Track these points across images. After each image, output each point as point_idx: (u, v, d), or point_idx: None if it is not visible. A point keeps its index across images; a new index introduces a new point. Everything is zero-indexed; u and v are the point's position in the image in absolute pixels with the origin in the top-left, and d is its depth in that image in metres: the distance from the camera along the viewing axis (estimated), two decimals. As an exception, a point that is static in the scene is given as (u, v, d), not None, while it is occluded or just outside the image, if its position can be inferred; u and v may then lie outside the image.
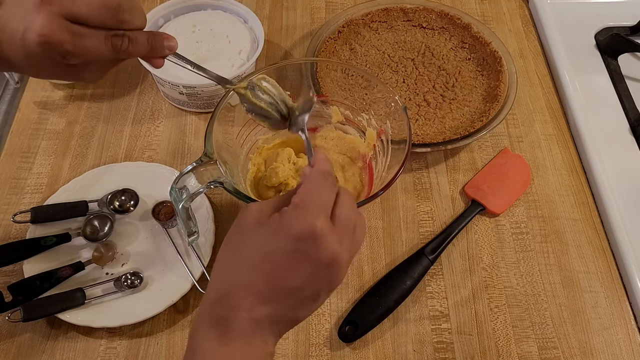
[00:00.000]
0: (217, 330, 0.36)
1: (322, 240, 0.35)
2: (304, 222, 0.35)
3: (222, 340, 0.35)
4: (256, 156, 0.64)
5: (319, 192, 0.38)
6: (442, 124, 0.71)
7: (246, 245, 0.37)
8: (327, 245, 0.35)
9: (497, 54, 0.75)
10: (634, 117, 0.74)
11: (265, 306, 0.36)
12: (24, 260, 0.58)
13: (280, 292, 0.36)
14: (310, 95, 0.47)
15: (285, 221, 0.36)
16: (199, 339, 0.36)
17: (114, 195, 0.63)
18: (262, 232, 0.37)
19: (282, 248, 0.36)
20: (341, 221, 0.37)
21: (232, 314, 0.36)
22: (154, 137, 0.72)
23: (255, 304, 0.36)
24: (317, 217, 0.36)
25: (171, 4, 0.75)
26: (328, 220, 0.36)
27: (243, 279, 0.36)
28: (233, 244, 0.38)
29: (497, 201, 0.67)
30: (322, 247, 0.35)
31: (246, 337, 0.35)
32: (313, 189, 0.38)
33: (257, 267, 0.36)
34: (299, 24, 0.85)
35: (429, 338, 0.59)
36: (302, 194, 0.37)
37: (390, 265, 0.62)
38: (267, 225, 0.37)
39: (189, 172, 0.49)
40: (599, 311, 0.61)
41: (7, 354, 0.56)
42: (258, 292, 0.36)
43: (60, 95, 0.75)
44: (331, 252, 0.36)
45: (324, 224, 0.36)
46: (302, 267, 0.36)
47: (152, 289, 0.59)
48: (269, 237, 0.36)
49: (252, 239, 0.37)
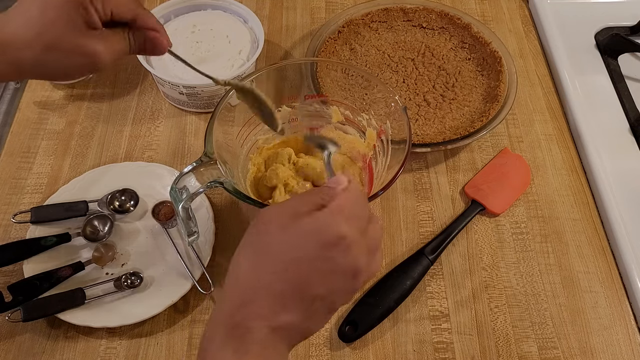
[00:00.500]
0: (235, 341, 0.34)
1: (353, 250, 0.34)
2: (339, 228, 0.34)
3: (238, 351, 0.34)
4: (256, 156, 0.64)
5: (357, 205, 0.37)
6: (442, 124, 0.71)
7: (270, 250, 0.35)
8: (357, 256, 0.35)
9: (497, 54, 0.75)
10: (634, 117, 0.74)
11: (286, 314, 0.34)
12: (24, 260, 0.58)
13: (302, 300, 0.35)
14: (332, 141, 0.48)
15: (318, 225, 0.35)
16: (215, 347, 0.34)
17: (113, 195, 0.63)
18: (289, 235, 0.35)
19: (312, 254, 0.34)
20: (370, 240, 0.37)
21: (253, 323, 0.34)
22: (154, 137, 0.72)
23: (276, 312, 0.34)
24: (351, 227, 0.35)
25: (171, 4, 0.75)
26: (360, 233, 0.36)
27: (266, 284, 0.35)
28: (254, 247, 0.36)
29: (497, 201, 0.67)
30: (352, 256, 0.34)
31: (264, 347, 0.34)
32: (353, 200, 0.37)
33: (282, 272, 0.34)
34: (299, 24, 0.85)
35: (429, 338, 0.59)
36: (341, 201, 0.36)
37: (390, 265, 0.62)
38: (295, 228, 0.35)
39: (189, 172, 0.49)
40: (599, 311, 0.61)
41: (7, 354, 0.56)
42: (281, 299, 0.34)
43: (60, 95, 0.75)
44: (359, 264, 0.35)
45: (356, 235, 0.35)
46: (328, 275, 0.35)
47: (152, 289, 0.59)
48: (297, 241, 0.35)
49: (276, 242, 0.35)
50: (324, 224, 0.35)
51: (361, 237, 0.36)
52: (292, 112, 0.64)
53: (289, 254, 0.35)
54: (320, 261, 0.34)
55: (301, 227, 0.35)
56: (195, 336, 0.58)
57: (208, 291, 0.58)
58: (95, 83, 0.77)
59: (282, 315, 0.34)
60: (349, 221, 0.35)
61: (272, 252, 0.35)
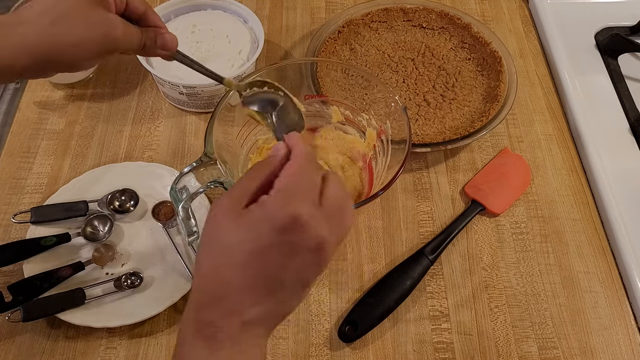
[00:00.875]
0: (206, 339, 0.34)
1: (308, 228, 0.33)
2: (288, 210, 0.33)
3: (211, 348, 0.33)
4: (256, 156, 0.64)
5: (305, 174, 0.35)
6: (442, 124, 0.71)
7: (225, 244, 0.34)
8: (314, 232, 0.33)
9: (497, 54, 0.75)
10: (634, 117, 0.74)
11: (256, 307, 0.34)
12: (24, 260, 0.58)
13: (270, 289, 0.34)
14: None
15: (267, 212, 0.33)
16: (187, 348, 0.34)
17: (113, 195, 0.63)
18: (241, 227, 0.34)
19: (268, 243, 0.33)
20: (329, 203, 0.35)
21: (222, 321, 0.33)
22: (154, 137, 0.72)
23: (245, 307, 0.34)
24: (302, 202, 0.33)
25: (171, 4, 0.75)
26: (314, 205, 0.34)
27: (229, 280, 0.34)
28: (211, 244, 0.35)
29: (497, 201, 0.67)
30: (309, 234, 0.33)
31: (237, 342, 0.34)
32: (298, 171, 0.35)
33: (242, 266, 0.34)
34: (299, 24, 0.85)
35: (429, 338, 0.59)
36: (286, 177, 0.35)
37: (390, 265, 0.62)
38: (246, 218, 0.34)
39: (189, 172, 0.49)
40: (599, 311, 0.61)
41: (7, 354, 0.56)
42: (248, 293, 0.34)
43: (60, 95, 0.75)
44: (319, 239, 0.34)
45: (310, 209, 0.34)
46: (290, 259, 0.34)
47: (152, 289, 0.59)
48: (250, 233, 0.33)
49: (231, 235, 0.34)
50: (273, 209, 0.33)
51: (317, 208, 0.34)
52: (292, 112, 0.64)
53: (245, 246, 0.33)
54: (278, 247, 0.33)
55: (251, 216, 0.34)
56: (195, 336, 0.58)
57: (208, 291, 0.58)
58: (95, 83, 0.77)
59: (251, 308, 0.34)
60: (299, 197, 0.34)
61: (228, 247, 0.34)
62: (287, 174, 0.35)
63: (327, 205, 0.35)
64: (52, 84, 0.76)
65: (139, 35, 0.46)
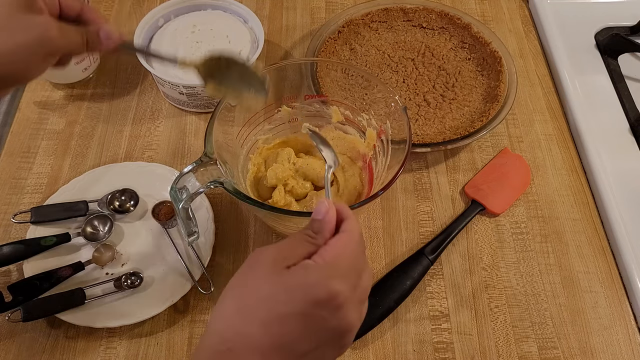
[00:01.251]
0: None
1: (344, 311, 0.32)
2: (331, 285, 0.32)
3: None
4: (256, 156, 0.64)
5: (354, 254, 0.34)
6: (442, 124, 0.71)
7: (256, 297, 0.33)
8: (348, 317, 0.33)
9: (497, 54, 0.75)
10: (634, 117, 0.74)
11: None
12: (24, 260, 0.58)
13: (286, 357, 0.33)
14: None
15: (307, 279, 0.32)
16: None
17: (113, 195, 0.63)
18: (277, 286, 0.33)
19: (297, 310, 0.32)
20: (361, 291, 0.35)
21: None
22: (154, 137, 0.72)
23: None
24: (344, 282, 0.33)
25: (171, 4, 0.75)
26: (353, 288, 0.33)
27: (249, 334, 0.32)
28: (242, 289, 0.34)
29: (497, 201, 0.67)
30: (342, 317, 0.32)
31: None
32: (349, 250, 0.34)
33: (267, 325, 0.32)
34: (299, 24, 0.85)
35: (429, 338, 0.59)
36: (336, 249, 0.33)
37: (390, 265, 0.62)
38: (285, 279, 0.33)
39: (189, 172, 0.49)
40: (599, 311, 0.61)
41: (7, 354, 0.56)
42: (259, 354, 0.32)
43: (60, 95, 0.75)
44: (350, 321, 0.33)
45: (349, 292, 0.33)
46: (315, 333, 0.33)
47: (152, 289, 0.59)
48: (284, 295, 0.32)
49: (264, 290, 0.33)
50: (314, 279, 0.32)
51: (353, 292, 0.33)
52: (292, 112, 0.64)
53: (274, 306, 0.32)
54: (308, 318, 0.32)
55: (290, 279, 0.33)
56: (195, 336, 0.58)
57: (208, 291, 0.59)
58: (95, 83, 0.77)
59: None
60: (342, 275, 0.33)
61: (257, 300, 0.33)
62: (337, 246, 0.34)
63: (360, 292, 0.35)
64: (52, 84, 0.76)
65: (78, 33, 0.44)
